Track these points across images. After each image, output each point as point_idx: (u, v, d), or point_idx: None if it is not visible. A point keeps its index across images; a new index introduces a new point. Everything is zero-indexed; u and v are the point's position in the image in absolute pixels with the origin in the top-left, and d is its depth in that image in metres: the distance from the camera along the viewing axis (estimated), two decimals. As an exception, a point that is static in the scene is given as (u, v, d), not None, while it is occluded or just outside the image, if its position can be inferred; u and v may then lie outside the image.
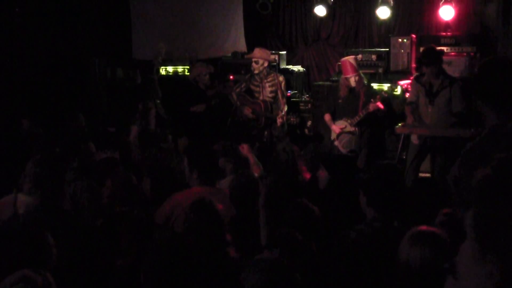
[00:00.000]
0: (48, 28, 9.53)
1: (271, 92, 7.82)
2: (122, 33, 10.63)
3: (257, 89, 7.88)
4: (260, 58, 7.77)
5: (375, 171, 3.60)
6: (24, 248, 2.77)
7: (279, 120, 7.63)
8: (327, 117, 7.57)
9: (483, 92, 2.78)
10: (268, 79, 7.84)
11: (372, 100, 7.12)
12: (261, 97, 7.86)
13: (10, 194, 3.84)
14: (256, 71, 7.79)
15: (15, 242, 2.79)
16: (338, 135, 7.31)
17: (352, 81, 7.30)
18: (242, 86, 8.00)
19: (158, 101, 8.44)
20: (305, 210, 3.65)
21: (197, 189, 4.18)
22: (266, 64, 7.83)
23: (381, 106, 7.15)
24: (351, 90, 7.36)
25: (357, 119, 7.26)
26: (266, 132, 7.88)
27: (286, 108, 7.86)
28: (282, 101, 7.80)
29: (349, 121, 7.32)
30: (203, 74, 8.31)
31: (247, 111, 7.82)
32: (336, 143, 7.30)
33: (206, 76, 8.32)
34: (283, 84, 7.85)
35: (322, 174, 4.82)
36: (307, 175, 5.36)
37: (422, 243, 2.68)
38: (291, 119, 7.59)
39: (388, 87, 7.95)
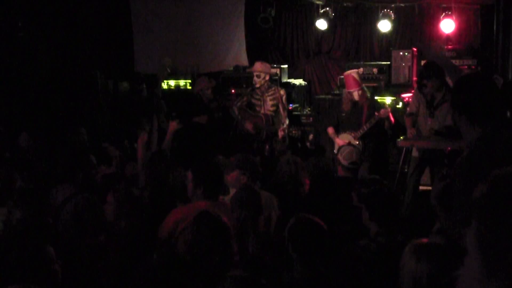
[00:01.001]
0: (51, 42, 9.58)
1: (272, 105, 7.81)
2: (124, 46, 10.66)
3: (258, 102, 7.88)
4: (262, 71, 7.77)
5: (374, 189, 3.58)
6: (25, 262, 2.74)
7: (280, 133, 7.60)
8: (330, 130, 7.55)
9: (459, 105, 2.87)
10: (269, 93, 7.84)
11: (376, 113, 7.11)
12: (262, 111, 7.84)
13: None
14: (257, 85, 7.79)
15: (15, 254, 2.76)
16: (340, 147, 7.31)
17: (356, 95, 7.30)
18: (244, 100, 8.00)
19: (162, 115, 8.45)
20: (311, 225, 3.60)
21: (201, 203, 4.17)
22: (267, 78, 7.84)
23: (391, 116, 7.17)
24: (354, 103, 7.37)
25: (360, 132, 7.25)
26: (267, 146, 7.84)
27: (287, 122, 7.85)
28: (283, 114, 7.80)
29: (352, 134, 7.30)
30: (205, 89, 8.33)
31: (248, 126, 7.81)
32: (338, 155, 7.29)
33: (208, 90, 8.33)
34: (284, 97, 7.84)
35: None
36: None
37: (428, 258, 2.65)
38: (293, 132, 7.57)
39: (392, 100, 7.94)
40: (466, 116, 2.82)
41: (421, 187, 7.16)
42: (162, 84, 10.12)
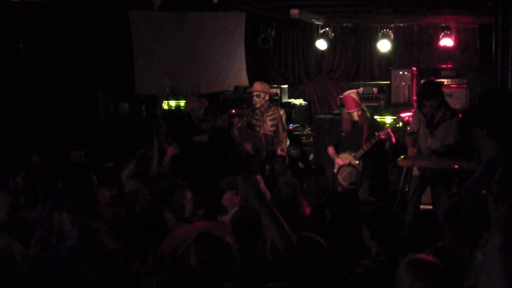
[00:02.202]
0: (52, 63, 9.59)
1: (272, 125, 7.83)
2: (125, 68, 10.68)
3: (258, 123, 7.90)
4: (261, 91, 7.80)
5: (377, 204, 3.59)
6: None
7: (279, 153, 7.62)
8: (330, 150, 7.57)
9: (481, 120, 2.87)
10: (269, 113, 7.86)
11: (377, 133, 7.13)
12: (262, 131, 7.86)
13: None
14: (258, 105, 7.81)
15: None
16: (339, 167, 7.31)
17: (355, 115, 7.33)
18: (244, 120, 8.02)
19: (162, 136, 8.46)
20: (313, 244, 3.63)
21: (201, 223, 4.17)
22: (267, 97, 7.86)
23: (392, 136, 7.19)
24: (354, 123, 7.38)
25: (361, 152, 7.25)
26: (267, 166, 7.84)
27: (288, 142, 7.88)
28: (282, 134, 7.82)
29: (353, 154, 7.31)
30: (196, 109, 8.40)
31: (248, 146, 7.83)
32: (337, 176, 7.29)
33: (200, 110, 8.41)
34: (283, 117, 7.85)
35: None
36: (307, 210, 5.30)
37: (425, 276, 2.65)
38: (292, 151, 7.56)
39: (393, 119, 7.96)
40: (487, 131, 2.81)
41: (422, 206, 7.15)
42: (163, 104, 10.16)
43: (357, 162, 7.25)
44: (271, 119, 7.84)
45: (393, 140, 7.24)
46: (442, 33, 9.40)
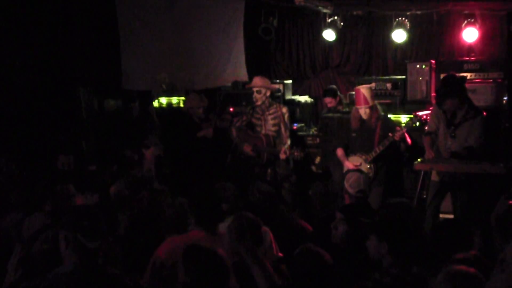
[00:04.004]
0: (27, 54, 9.45)
1: (273, 125, 7.86)
2: (111, 60, 10.61)
3: (259, 122, 7.92)
4: (262, 87, 7.82)
5: (388, 211, 3.56)
6: None
7: (282, 156, 7.61)
8: (339, 152, 7.55)
9: None
10: (270, 111, 7.89)
11: (390, 134, 7.10)
12: (263, 131, 7.89)
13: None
14: (258, 102, 7.83)
15: None
16: (345, 173, 7.29)
17: (362, 112, 7.30)
18: (243, 119, 8.04)
19: (156, 137, 8.45)
20: (315, 257, 3.64)
21: (195, 233, 4.22)
22: (268, 94, 7.88)
23: (407, 137, 7.15)
24: (363, 122, 7.37)
25: (373, 155, 7.23)
26: (269, 170, 7.84)
27: (289, 142, 7.84)
28: (285, 134, 7.85)
29: (364, 157, 7.30)
30: (196, 108, 8.39)
31: (247, 148, 7.83)
32: (344, 182, 7.26)
33: (199, 109, 8.40)
34: (286, 116, 7.88)
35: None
36: (306, 225, 5.45)
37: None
38: (295, 154, 7.52)
39: (409, 118, 7.92)
40: None
41: (441, 215, 7.10)
42: (153, 101, 10.15)
43: (369, 166, 7.24)
44: (272, 118, 7.86)
45: (409, 141, 7.21)
46: (465, 22, 9.34)
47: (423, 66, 8.83)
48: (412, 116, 7.76)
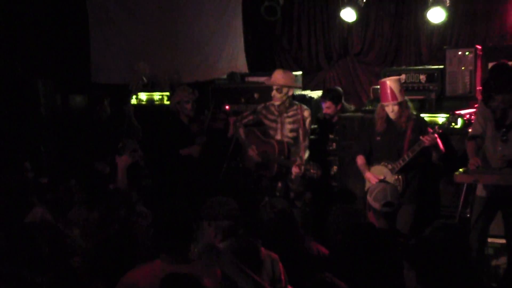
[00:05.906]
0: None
1: (291, 130, 7.84)
2: (78, 48, 10.83)
3: (274, 125, 7.89)
4: (285, 85, 7.74)
5: (429, 234, 3.70)
6: None
7: (295, 170, 7.51)
8: (360, 160, 7.51)
9: None
10: (289, 113, 7.88)
11: (421, 137, 6.97)
12: (277, 136, 7.84)
13: None
14: (277, 102, 7.80)
15: None
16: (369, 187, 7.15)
17: (390, 110, 7.22)
18: (249, 118, 8.08)
19: (134, 141, 8.41)
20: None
21: (158, 263, 4.26)
22: (291, 93, 7.87)
23: (439, 143, 7.01)
24: (390, 123, 7.27)
25: (400, 163, 7.10)
26: (279, 185, 7.82)
27: (307, 155, 7.82)
28: (303, 143, 7.82)
29: (389, 166, 7.21)
30: (184, 101, 8.25)
31: (252, 152, 7.72)
32: (367, 197, 7.12)
33: (188, 104, 8.27)
34: (307, 121, 7.87)
35: None
36: (322, 248, 5.51)
37: None
38: (311, 171, 7.46)
39: (446, 118, 7.83)
40: None
41: (490, 240, 7.04)
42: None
43: (396, 177, 7.10)
44: (291, 122, 7.86)
45: (441, 147, 7.07)
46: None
47: (466, 53, 8.73)
48: (450, 115, 7.65)
